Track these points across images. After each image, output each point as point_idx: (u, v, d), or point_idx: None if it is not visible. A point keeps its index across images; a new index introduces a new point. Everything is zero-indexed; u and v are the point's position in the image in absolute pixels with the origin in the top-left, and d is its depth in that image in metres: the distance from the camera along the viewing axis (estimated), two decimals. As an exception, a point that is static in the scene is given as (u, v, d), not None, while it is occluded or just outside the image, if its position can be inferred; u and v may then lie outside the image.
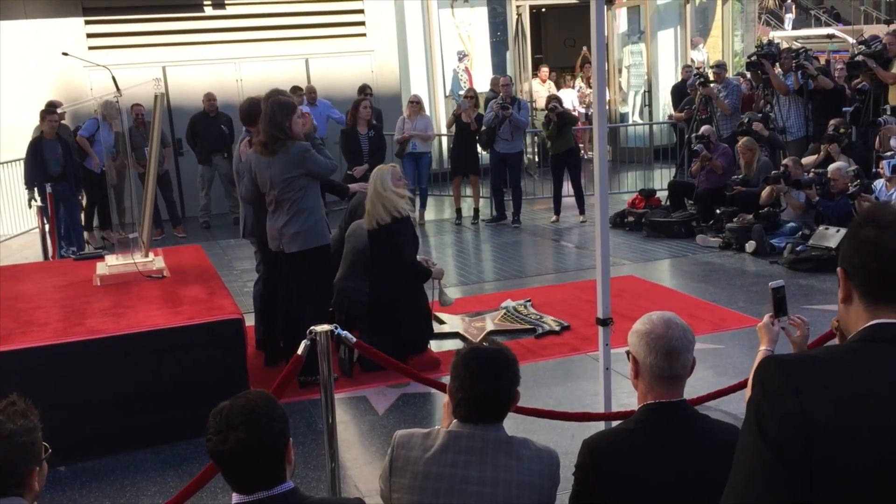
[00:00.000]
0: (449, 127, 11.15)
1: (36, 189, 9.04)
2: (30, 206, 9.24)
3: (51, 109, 9.23)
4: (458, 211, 11.08)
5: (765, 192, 8.57)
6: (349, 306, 5.74)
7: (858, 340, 1.48)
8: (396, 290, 5.60)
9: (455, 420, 2.33)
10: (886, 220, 1.48)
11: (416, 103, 10.68)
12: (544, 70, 15.29)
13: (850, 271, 1.51)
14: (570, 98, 15.43)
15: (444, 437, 2.30)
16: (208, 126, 11.06)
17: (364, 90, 11.09)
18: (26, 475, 2.04)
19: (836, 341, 2.17)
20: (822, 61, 12.95)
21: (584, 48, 16.35)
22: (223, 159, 11.06)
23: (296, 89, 10.79)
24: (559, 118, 10.23)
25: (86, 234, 10.25)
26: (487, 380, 2.28)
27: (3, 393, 2.36)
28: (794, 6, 27.11)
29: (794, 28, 25.28)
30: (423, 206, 11.11)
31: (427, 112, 11.83)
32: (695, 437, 2.28)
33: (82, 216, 10.21)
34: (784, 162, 8.67)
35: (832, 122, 9.10)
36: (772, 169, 9.11)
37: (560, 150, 10.46)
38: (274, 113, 5.05)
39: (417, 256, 5.81)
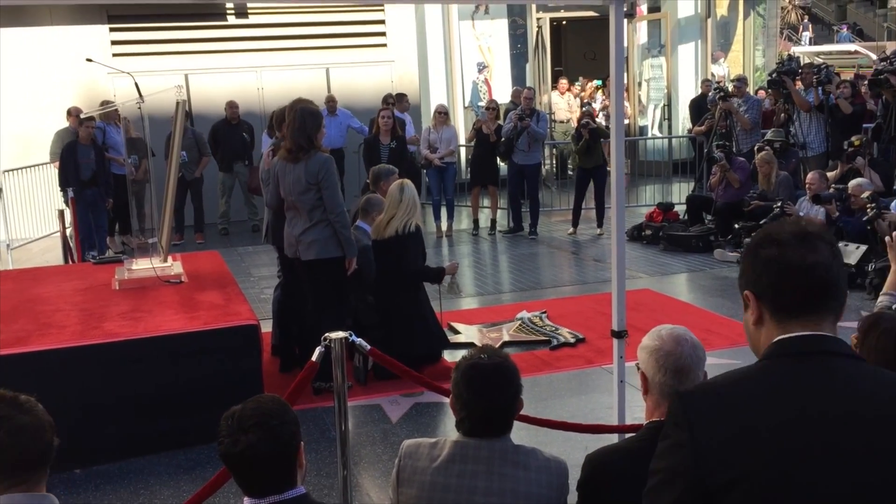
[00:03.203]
0: (470, 140, 11.18)
1: (70, 190, 9.19)
2: (67, 206, 9.38)
3: (90, 116, 9.38)
4: (476, 222, 11.07)
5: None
6: (357, 317, 5.75)
7: (762, 360, 1.54)
8: (403, 302, 5.63)
9: (460, 433, 2.32)
10: (784, 238, 1.52)
11: (442, 114, 10.74)
12: (563, 82, 15.31)
13: (758, 292, 1.55)
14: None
15: (450, 448, 2.29)
16: (230, 134, 11.16)
17: (386, 100, 11.17)
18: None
19: None
20: (850, 76, 12.83)
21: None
22: (244, 167, 11.16)
23: (329, 99, 11.10)
24: (591, 135, 10.20)
25: (107, 239, 10.36)
26: (490, 397, 2.24)
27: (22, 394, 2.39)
28: (810, 25, 27.02)
29: (813, 45, 25.17)
30: (451, 216, 11.08)
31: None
32: None
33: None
34: (808, 176, 8.60)
35: (846, 141, 9.08)
36: (791, 184, 9.05)
37: (588, 165, 10.45)
38: (304, 121, 5.10)
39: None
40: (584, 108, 12.07)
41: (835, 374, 1.46)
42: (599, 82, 16.55)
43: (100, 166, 9.49)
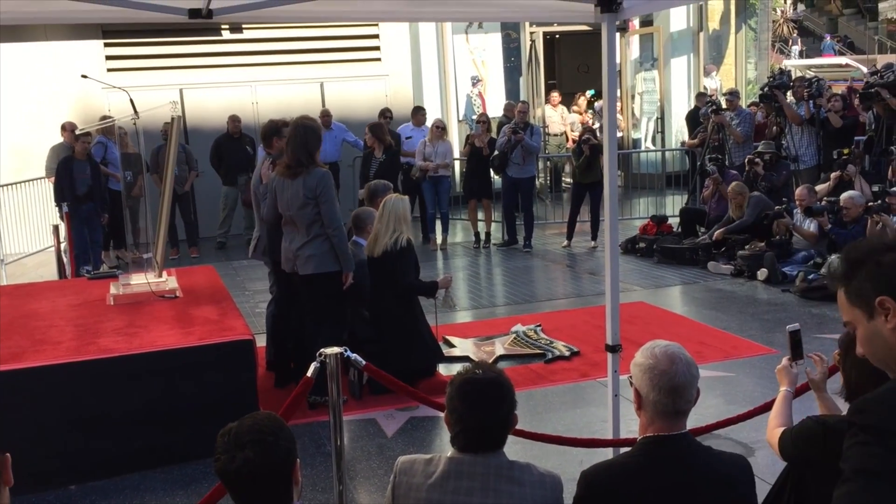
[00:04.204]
0: (465, 155, 11.25)
1: (64, 205, 9.20)
2: (62, 221, 9.39)
3: (86, 132, 9.40)
4: (477, 235, 11.08)
5: (773, 228, 8.61)
6: (353, 331, 5.76)
7: None
8: (398, 317, 5.64)
9: (454, 448, 2.33)
10: (892, 242, 1.62)
11: (440, 128, 10.78)
12: (555, 95, 15.38)
13: None
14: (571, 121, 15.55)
15: (445, 464, 2.29)
16: (233, 147, 11.18)
17: (384, 114, 11.26)
18: None
19: (839, 376, 2.17)
20: (842, 90, 12.91)
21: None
22: (248, 180, 11.17)
23: (324, 114, 11.19)
24: (591, 151, 10.18)
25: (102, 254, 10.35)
26: (485, 411, 2.25)
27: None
28: (799, 39, 27.25)
29: (804, 58, 25.35)
30: (445, 230, 11.11)
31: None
32: (695, 471, 2.26)
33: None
34: (797, 192, 8.66)
35: (835, 151, 9.15)
36: (763, 203, 9.04)
37: (586, 180, 10.44)
38: (306, 137, 5.12)
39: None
40: (584, 125, 12.12)
41: None
42: (592, 92, 16.64)
43: (95, 181, 9.51)
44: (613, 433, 4.04)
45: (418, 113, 11.54)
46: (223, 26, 12.34)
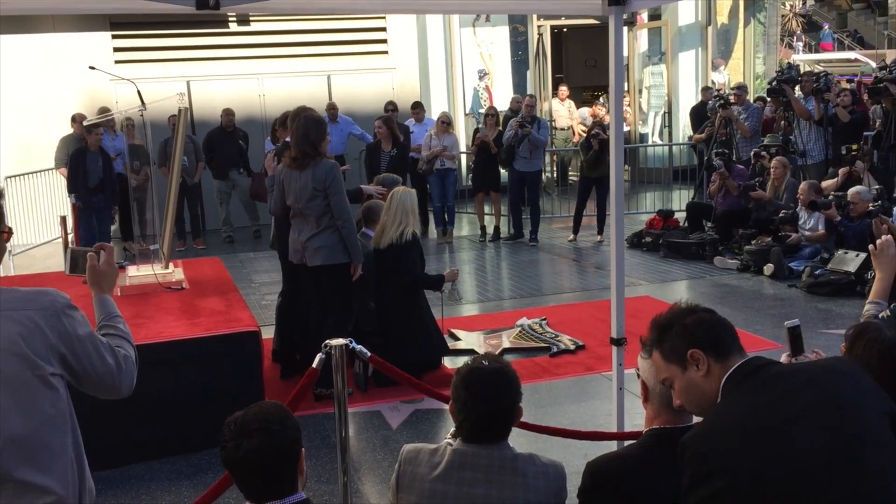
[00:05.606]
0: (474, 151, 11.23)
1: (75, 196, 9.22)
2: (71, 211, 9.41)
3: (95, 123, 9.42)
4: (483, 228, 11.08)
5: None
6: (358, 323, 5.77)
7: (733, 393, 1.90)
8: (404, 309, 5.64)
9: (459, 439, 2.34)
10: (687, 307, 2.07)
11: (446, 123, 10.77)
12: (563, 89, 15.35)
13: (703, 347, 1.96)
14: (582, 116, 15.50)
15: (450, 455, 2.30)
16: (225, 141, 11.15)
17: (387, 108, 11.26)
18: None
19: None
20: (849, 84, 12.85)
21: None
22: (239, 174, 11.17)
23: (330, 107, 11.20)
24: (601, 146, 10.08)
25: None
26: (489, 401, 2.25)
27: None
28: (803, 36, 27.12)
29: (809, 52, 25.23)
30: (451, 223, 11.10)
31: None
32: None
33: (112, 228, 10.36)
34: (800, 187, 8.63)
35: (844, 146, 9.11)
36: (797, 188, 9.05)
37: (593, 174, 10.41)
38: (308, 129, 5.12)
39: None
40: (595, 119, 12.06)
41: (783, 375, 1.91)
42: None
43: (106, 173, 9.53)
44: (618, 427, 4.04)
45: (417, 109, 11.51)
46: (230, 18, 12.34)
